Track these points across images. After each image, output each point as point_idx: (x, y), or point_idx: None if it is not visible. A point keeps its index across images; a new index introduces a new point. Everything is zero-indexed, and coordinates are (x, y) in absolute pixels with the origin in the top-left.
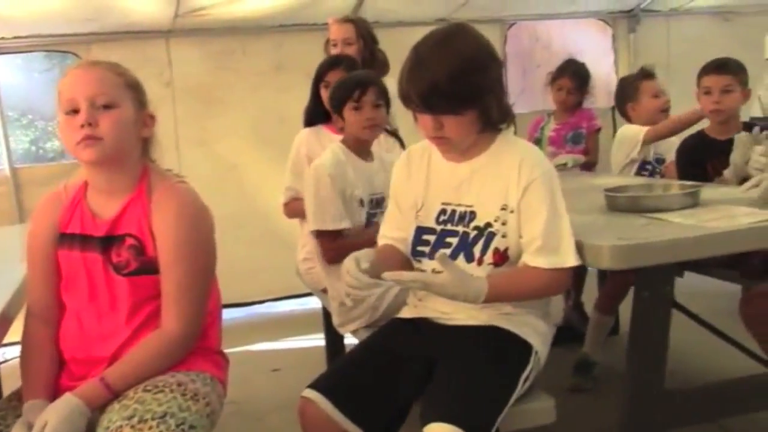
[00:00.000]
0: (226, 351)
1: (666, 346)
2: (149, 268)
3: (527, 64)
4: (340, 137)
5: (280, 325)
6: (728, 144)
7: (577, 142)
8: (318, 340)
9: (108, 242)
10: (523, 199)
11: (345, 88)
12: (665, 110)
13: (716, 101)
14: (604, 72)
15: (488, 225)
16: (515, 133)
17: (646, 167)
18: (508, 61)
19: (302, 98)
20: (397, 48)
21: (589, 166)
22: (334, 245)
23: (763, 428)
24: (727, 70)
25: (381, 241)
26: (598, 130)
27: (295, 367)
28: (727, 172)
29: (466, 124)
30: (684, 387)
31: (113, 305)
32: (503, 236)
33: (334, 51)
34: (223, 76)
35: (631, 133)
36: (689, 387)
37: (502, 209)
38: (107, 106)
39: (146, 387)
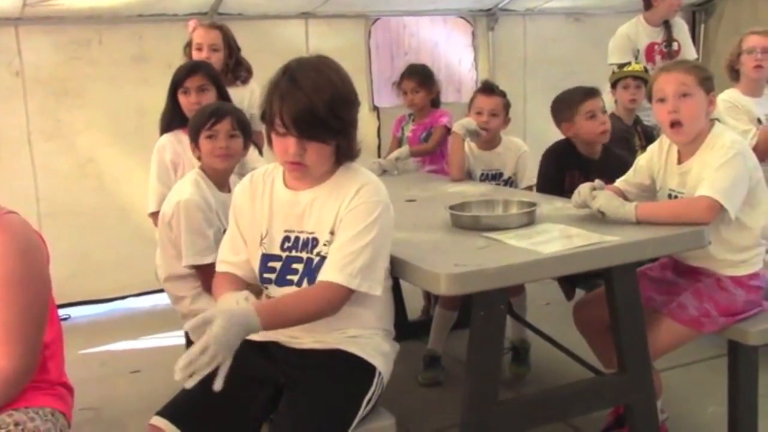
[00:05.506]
0: (86, 351)
1: (499, 361)
2: None
3: (395, 50)
4: None
5: (141, 323)
6: (593, 163)
7: None
8: (179, 337)
9: None
10: (344, 219)
11: (201, 116)
12: (485, 130)
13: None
14: (466, 68)
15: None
16: (379, 126)
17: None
18: (375, 50)
19: (164, 90)
20: (260, 41)
21: (435, 159)
22: (211, 276)
23: None
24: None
25: (220, 267)
26: (444, 126)
27: (156, 368)
28: None
29: (327, 153)
30: (519, 396)
31: None
32: None
33: (198, 55)
34: (78, 67)
35: None
36: (521, 396)
37: (330, 233)
38: None
39: None
